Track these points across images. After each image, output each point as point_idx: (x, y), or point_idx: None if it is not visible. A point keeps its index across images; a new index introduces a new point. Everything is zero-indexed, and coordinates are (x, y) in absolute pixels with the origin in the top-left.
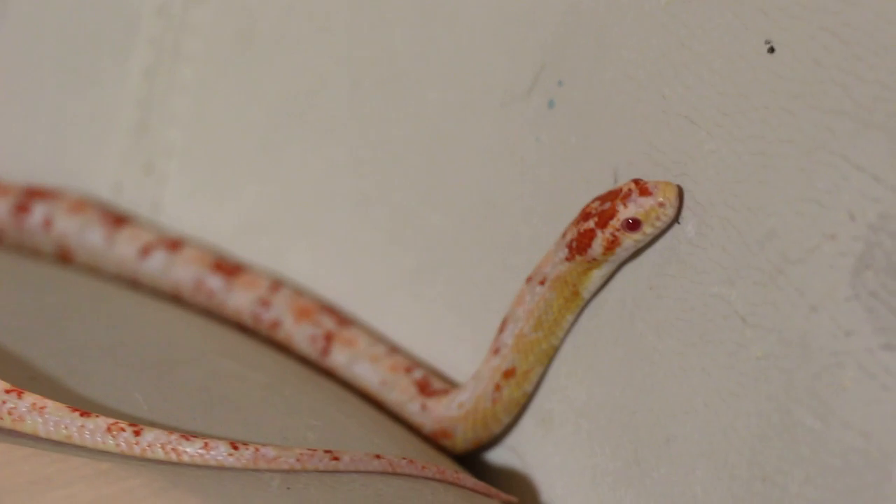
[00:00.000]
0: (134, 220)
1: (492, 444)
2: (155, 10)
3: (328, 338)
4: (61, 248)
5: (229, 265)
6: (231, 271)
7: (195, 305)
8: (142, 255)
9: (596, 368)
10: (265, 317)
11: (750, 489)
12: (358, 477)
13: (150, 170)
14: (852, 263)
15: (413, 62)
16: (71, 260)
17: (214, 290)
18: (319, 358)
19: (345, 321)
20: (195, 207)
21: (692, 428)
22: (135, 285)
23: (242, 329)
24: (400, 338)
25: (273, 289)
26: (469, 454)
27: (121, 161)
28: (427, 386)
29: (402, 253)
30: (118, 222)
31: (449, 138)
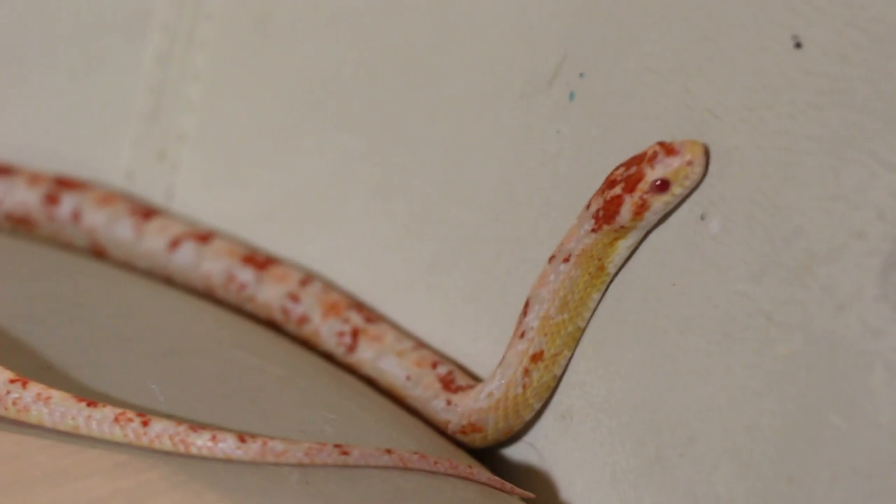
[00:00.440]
0: (163, 213)
1: (516, 437)
2: None
3: (355, 334)
4: (93, 243)
5: (260, 258)
6: (262, 264)
7: (225, 299)
8: (171, 248)
9: (617, 364)
10: (294, 312)
11: (774, 490)
12: (376, 472)
13: (163, 157)
14: (880, 263)
15: (432, 52)
16: (105, 255)
17: (245, 284)
18: (345, 354)
19: (372, 317)
20: (208, 195)
21: (715, 426)
22: (167, 281)
23: (272, 324)
24: (417, 331)
25: (303, 283)
26: (488, 449)
27: (133, 148)
28: (451, 382)
29: (420, 245)
30: (147, 215)
31: (468, 129)
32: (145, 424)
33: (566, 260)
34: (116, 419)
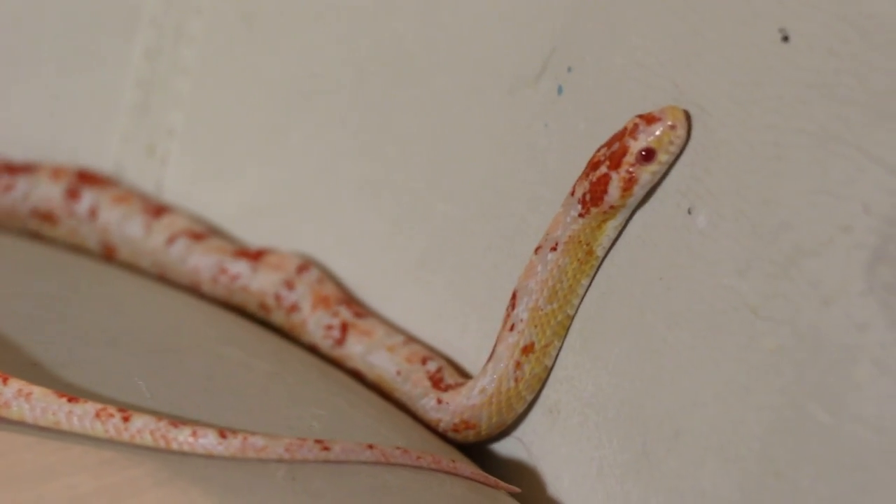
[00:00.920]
0: (173, 211)
1: (507, 431)
2: None
3: (344, 328)
4: (104, 242)
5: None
6: (256, 256)
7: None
8: (168, 244)
9: (604, 359)
10: (287, 299)
11: (761, 484)
12: (363, 468)
13: (152, 152)
14: (867, 257)
15: (420, 46)
16: (114, 255)
17: (239, 274)
18: (332, 347)
19: (362, 312)
20: (197, 190)
21: (702, 421)
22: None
23: (262, 308)
24: (406, 325)
25: (300, 271)
26: (477, 444)
27: (122, 142)
28: (440, 381)
29: (408, 240)
30: (158, 212)
31: (456, 124)
32: (126, 420)
33: (553, 249)
34: (97, 415)
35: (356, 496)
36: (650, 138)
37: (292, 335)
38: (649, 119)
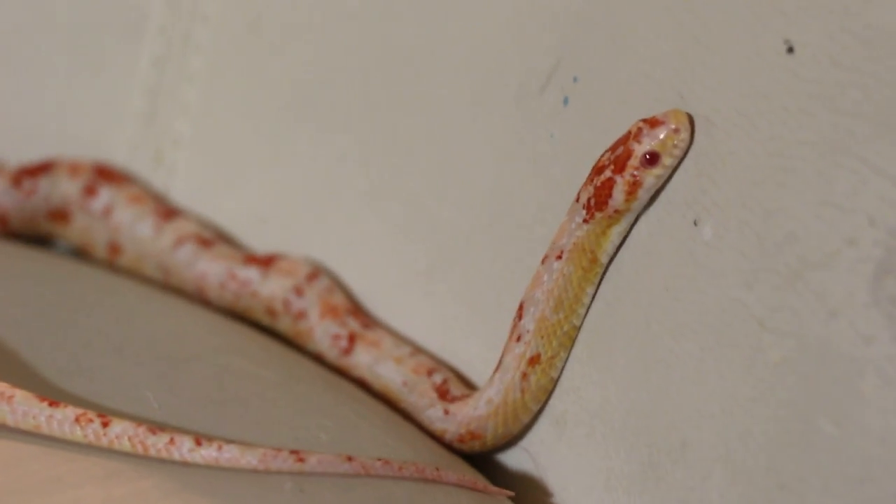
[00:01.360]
0: (185, 215)
1: (513, 441)
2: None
3: (352, 338)
4: (112, 242)
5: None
6: (266, 262)
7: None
8: (175, 247)
9: (611, 370)
10: (295, 305)
11: (766, 496)
12: (371, 480)
13: (160, 159)
14: (872, 269)
15: (426, 55)
16: (119, 254)
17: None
18: (339, 356)
19: (369, 323)
20: (204, 197)
21: (708, 433)
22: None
23: (268, 313)
24: (412, 335)
25: (310, 279)
26: (484, 455)
27: (129, 150)
28: (447, 392)
29: (414, 249)
30: (168, 215)
31: (462, 134)
32: (105, 426)
33: (559, 257)
34: (77, 419)
35: None
36: (654, 142)
37: (297, 342)
38: (653, 123)
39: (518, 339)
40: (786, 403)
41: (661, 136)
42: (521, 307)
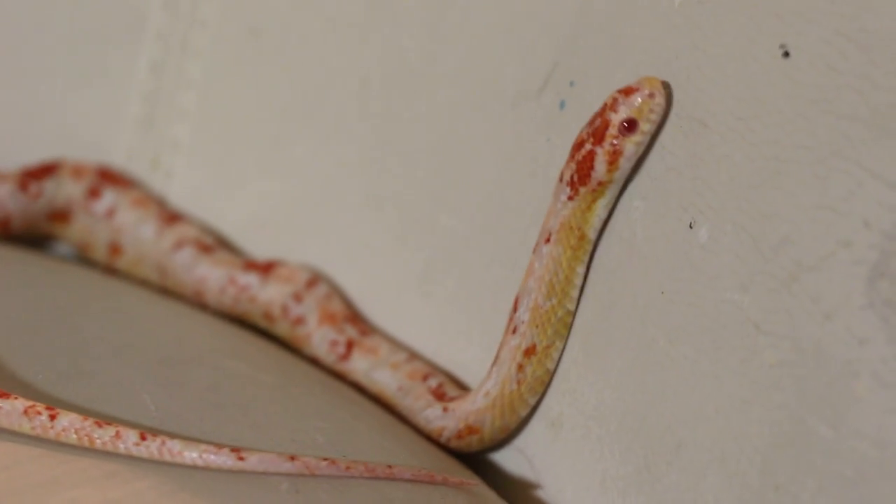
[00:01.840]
0: (187, 220)
1: (510, 437)
2: (163, 5)
3: (349, 345)
4: (113, 242)
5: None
6: (265, 268)
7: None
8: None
9: (606, 372)
10: (293, 311)
11: (762, 498)
12: (367, 482)
13: (157, 165)
14: (867, 272)
15: (423, 61)
16: (118, 255)
17: (248, 286)
18: (336, 361)
19: (367, 330)
20: (202, 203)
21: (703, 435)
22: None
23: (266, 318)
24: (408, 339)
25: (309, 285)
26: (480, 454)
27: (127, 156)
28: (443, 395)
29: (411, 253)
30: (171, 220)
31: (459, 138)
32: (53, 418)
33: (547, 240)
34: (25, 411)
35: None
36: (630, 109)
37: (294, 346)
38: (627, 91)
39: (514, 332)
40: (781, 405)
41: (637, 103)
42: (517, 300)
